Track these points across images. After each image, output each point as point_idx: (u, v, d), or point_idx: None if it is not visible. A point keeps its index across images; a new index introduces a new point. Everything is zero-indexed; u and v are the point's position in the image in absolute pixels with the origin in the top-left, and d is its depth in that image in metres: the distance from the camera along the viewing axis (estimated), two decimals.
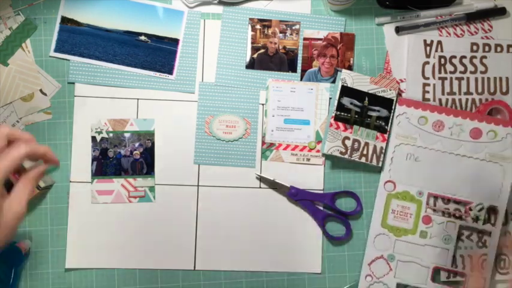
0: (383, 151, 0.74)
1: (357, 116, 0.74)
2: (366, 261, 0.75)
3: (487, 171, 0.75)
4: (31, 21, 0.76)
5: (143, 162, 0.75)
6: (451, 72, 0.78)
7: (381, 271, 0.75)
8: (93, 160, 0.75)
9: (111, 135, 0.75)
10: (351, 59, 0.78)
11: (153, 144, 0.76)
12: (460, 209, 0.75)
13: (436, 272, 0.75)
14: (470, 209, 0.74)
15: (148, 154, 0.75)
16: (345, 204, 0.77)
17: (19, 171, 0.63)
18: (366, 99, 0.74)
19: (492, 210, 0.74)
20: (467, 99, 0.78)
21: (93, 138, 0.75)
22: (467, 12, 0.78)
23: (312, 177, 0.76)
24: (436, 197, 0.75)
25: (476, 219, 0.74)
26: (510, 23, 0.79)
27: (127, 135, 0.75)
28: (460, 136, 0.75)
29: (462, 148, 0.75)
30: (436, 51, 0.78)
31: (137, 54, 0.76)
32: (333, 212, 0.76)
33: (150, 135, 0.76)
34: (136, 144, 0.75)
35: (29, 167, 0.69)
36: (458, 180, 0.75)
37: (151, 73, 0.76)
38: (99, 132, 0.75)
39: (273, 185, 0.76)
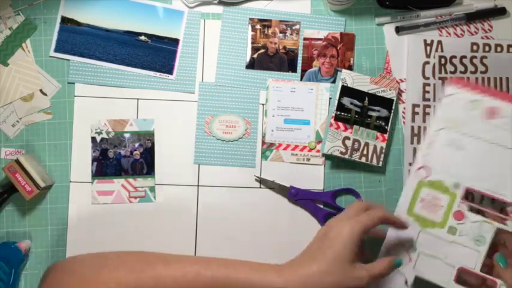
0: (383, 151, 0.74)
1: (357, 116, 0.74)
2: (386, 245, 0.69)
3: None
4: (31, 21, 0.76)
5: (143, 163, 0.75)
6: (451, 72, 0.78)
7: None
8: (93, 161, 0.75)
9: (111, 135, 0.75)
10: (351, 59, 0.78)
11: (153, 144, 0.76)
12: (501, 211, 0.67)
13: (462, 273, 0.67)
14: None
15: (149, 154, 0.75)
16: (345, 201, 0.77)
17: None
18: (366, 99, 0.74)
19: None
20: None
21: (93, 139, 0.75)
22: (467, 12, 0.78)
23: (312, 177, 0.76)
24: (474, 193, 0.67)
25: None
26: (510, 23, 0.79)
27: (127, 135, 0.75)
28: None
29: (510, 142, 0.66)
30: (436, 51, 0.78)
31: (137, 54, 0.76)
32: (334, 210, 0.76)
33: (150, 136, 0.76)
34: (137, 145, 0.75)
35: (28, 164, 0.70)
36: (504, 178, 0.66)
37: (151, 73, 0.76)
38: (99, 133, 0.75)
39: (273, 185, 0.76)
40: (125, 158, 0.75)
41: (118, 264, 0.60)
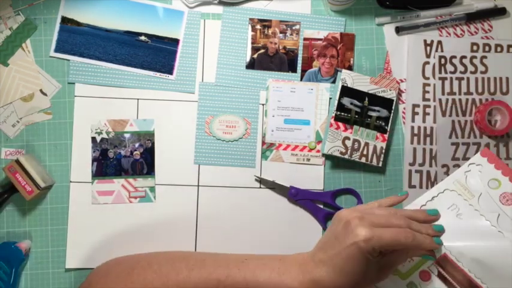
0: (383, 151, 0.74)
1: (357, 116, 0.74)
2: None
3: None
4: (31, 21, 0.76)
5: (143, 163, 0.75)
6: (451, 72, 0.78)
7: None
8: (93, 161, 0.75)
9: (111, 135, 0.75)
10: (351, 59, 0.78)
11: (153, 144, 0.76)
12: None
13: None
14: None
15: (149, 154, 0.76)
16: (345, 201, 0.77)
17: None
18: (366, 99, 0.74)
19: None
20: (467, 99, 0.78)
21: (93, 139, 0.75)
22: (467, 12, 0.78)
23: (312, 178, 0.76)
24: (450, 264, 0.63)
25: None
26: (510, 23, 0.79)
27: (127, 135, 0.75)
28: None
29: None
30: (436, 51, 0.78)
31: (137, 54, 0.76)
32: (333, 210, 0.76)
33: (150, 136, 0.76)
34: (137, 145, 0.75)
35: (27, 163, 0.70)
36: (487, 264, 0.62)
37: (151, 73, 0.76)
38: (99, 133, 0.75)
39: (273, 185, 0.76)
40: (125, 158, 0.75)
41: (146, 266, 0.62)
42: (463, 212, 0.64)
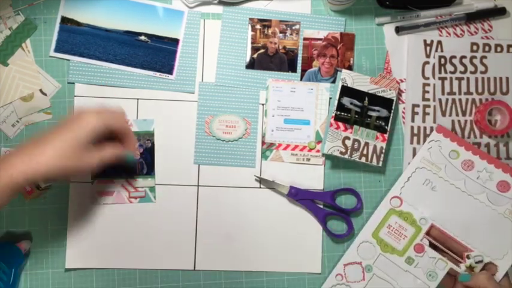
0: (383, 151, 0.74)
1: (357, 116, 0.74)
2: (343, 261, 0.74)
3: (501, 227, 0.72)
4: (31, 21, 0.76)
5: (143, 163, 0.75)
6: (451, 72, 0.78)
7: (354, 277, 0.73)
8: None
9: None
10: (351, 59, 0.78)
11: (153, 144, 0.76)
12: (458, 253, 0.72)
13: None
14: (468, 257, 0.71)
15: (149, 154, 0.75)
16: (345, 201, 0.77)
17: None
18: (366, 99, 0.74)
19: (490, 267, 0.71)
20: (467, 99, 0.78)
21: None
22: (467, 12, 0.78)
23: (312, 177, 0.76)
24: (438, 231, 0.72)
25: (470, 268, 0.70)
26: (510, 23, 0.79)
27: None
28: (486, 183, 0.73)
29: (484, 195, 0.72)
30: (436, 51, 0.78)
31: (137, 54, 0.76)
32: (333, 210, 0.76)
33: (150, 136, 0.76)
34: (136, 145, 0.75)
35: None
36: (467, 224, 0.72)
37: (151, 73, 0.76)
38: None
39: (273, 185, 0.76)
40: None
41: None
42: (436, 185, 0.73)
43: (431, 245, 0.72)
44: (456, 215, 0.73)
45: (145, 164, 0.75)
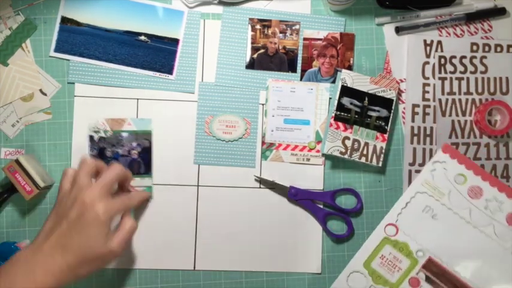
0: (383, 151, 0.74)
1: (356, 116, 0.74)
2: None
3: (506, 264, 0.65)
4: (31, 21, 0.76)
5: (141, 162, 0.75)
6: (451, 72, 0.78)
7: None
8: None
9: (108, 134, 0.75)
10: (351, 59, 0.78)
11: (150, 143, 0.76)
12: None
13: None
14: None
15: (146, 154, 0.75)
16: (345, 201, 0.77)
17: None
18: (366, 99, 0.74)
19: None
20: (467, 99, 0.78)
21: (91, 138, 0.75)
22: (467, 12, 0.78)
23: (312, 177, 0.76)
24: (436, 265, 0.66)
25: None
26: (510, 23, 0.79)
27: (124, 134, 0.75)
28: (495, 214, 0.65)
29: (490, 228, 0.65)
30: (436, 51, 0.78)
31: (137, 54, 0.76)
32: (333, 210, 0.76)
33: (147, 135, 0.76)
34: (134, 144, 0.75)
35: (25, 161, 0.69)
36: (469, 259, 0.65)
37: (151, 73, 0.76)
38: (97, 132, 0.75)
39: (273, 185, 0.76)
40: (122, 158, 0.75)
41: None
42: (437, 213, 0.65)
43: (428, 280, 0.66)
44: (458, 248, 0.65)
45: (143, 163, 0.75)
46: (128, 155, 0.75)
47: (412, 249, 0.67)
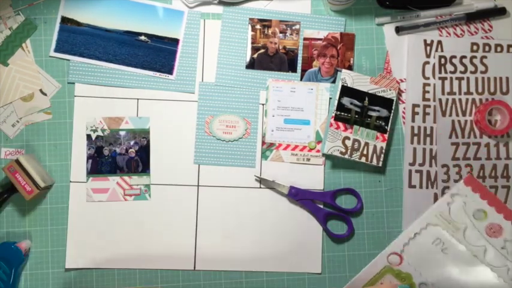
0: (383, 151, 0.74)
1: (357, 116, 0.74)
2: None
3: None
4: (31, 21, 0.76)
5: (138, 161, 0.75)
6: (451, 72, 0.78)
7: None
8: (88, 158, 0.75)
9: (106, 133, 0.75)
10: (351, 59, 0.78)
11: (148, 142, 0.76)
12: None
13: None
14: None
15: (144, 152, 0.75)
16: (345, 201, 0.77)
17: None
18: (366, 99, 0.74)
19: None
20: (467, 99, 0.78)
21: (88, 137, 0.75)
22: (467, 12, 0.78)
23: (312, 177, 0.76)
24: None
25: None
26: (510, 23, 0.79)
27: (122, 133, 0.75)
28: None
29: (504, 270, 0.59)
30: (436, 51, 0.78)
31: (137, 54, 0.76)
32: (333, 210, 0.76)
33: (145, 134, 0.76)
34: (132, 143, 0.75)
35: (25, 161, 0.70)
36: None
37: (151, 73, 0.76)
38: (94, 130, 0.75)
39: (273, 185, 0.76)
40: (120, 156, 0.75)
41: None
42: (448, 247, 0.62)
43: None
44: (465, 286, 0.61)
45: (141, 162, 0.75)
46: (125, 154, 0.75)
47: (415, 281, 0.64)
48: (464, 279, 0.60)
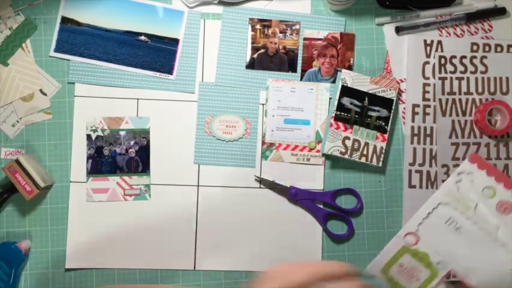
0: (383, 151, 0.74)
1: (357, 116, 0.74)
2: None
3: None
4: (31, 21, 0.76)
5: (138, 161, 0.75)
6: (451, 72, 0.78)
7: None
8: (88, 158, 0.75)
9: (106, 133, 0.75)
10: (351, 59, 0.78)
11: (148, 142, 0.76)
12: None
13: None
14: None
15: (144, 152, 0.75)
16: (345, 201, 0.77)
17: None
18: (366, 99, 0.74)
19: None
20: (467, 99, 0.78)
21: (88, 136, 0.75)
22: (467, 12, 0.78)
23: (312, 177, 0.76)
24: (456, 279, 0.63)
25: None
26: (510, 23, 0.79)
27: (122, 133, 0.75)
28: None
29: None
30: (436, 51, 0.78)
31: (137, 54, 0.76)
32: (333, 210, 0.76)
33: (145, 134, 0.76)
34: (132, 143, 0.75)
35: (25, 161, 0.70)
36: (494, 279, 0.61)
37: (151, 73, 0.76)
38: (94, 130, 0.75)
39: (273, 185, 0.76)
40: (120, 156, 0.75)
41: None
42: (461, 226, 0.62)
43: None
44: (481, 264, 0.62)
45: (141, 162, 0.75)
46: (125, 154, 0.75)
47: (432, 261, 0.65)
48: (479, 258, 0.61)
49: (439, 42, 0.78)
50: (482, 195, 0.62)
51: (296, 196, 0.75)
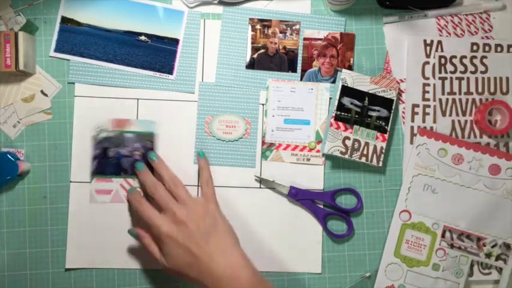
0: (383, 151, 0.74)
1: (357, 116, 0.74)
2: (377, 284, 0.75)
3: (504, 208, 0.75)
4: (31, 21, 0.76)
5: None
6: (451, 72, 0.78)
7: None
8: (93, 159, 0.75)
9: (112, 134, 0.75)
10: (351, 59, 0.78)
11: (153, 145, 0.76)
12: (474, 244, 0.75)
13: None
14: (484, 245, 0.75)
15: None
16: (345, 201, 0.77)
17: None
18: (366, 99, 0.74)
19: (506, 247, 0.75)
20: (467, 99, 0.78)
21: (94, 138, 0.75)
22: (467, 12, 0.78)
23: (312, 178, 0.76)
24: (451, 230, 0.75)
25: (489, 255, 0.75)
26: (510, 23, 0.79)
27: (128, 135, 0.75)
28: (479, 171, 0.75)
29: (480, 183, 0.75)
30: (436, 51, 0.78)
31: (137, 54, 0.76)
32: (333, 210, 0.76)
33: (150, 136, 0.76)
34: (137, 145, 0.75)
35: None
36: (474, 215, 0.75)
37: (151, 73, 0.76)
38: (101, 132, 0.75)
39: (273, 185, 0.76)
40: (125, 158, 0.75)
41: None
42: (435, 187, 0.75)
43: (451, 246, 0.75)
44: (462, 210, 0.75)
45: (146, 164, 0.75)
46: (130, 156, 0.75)
47: (428, 225, 0.75)
48: (459, 205, 0.75)
49: (439, 42, 0.78)
50: (438, 157, 0.75)
51: (296, 196, 0.75)
